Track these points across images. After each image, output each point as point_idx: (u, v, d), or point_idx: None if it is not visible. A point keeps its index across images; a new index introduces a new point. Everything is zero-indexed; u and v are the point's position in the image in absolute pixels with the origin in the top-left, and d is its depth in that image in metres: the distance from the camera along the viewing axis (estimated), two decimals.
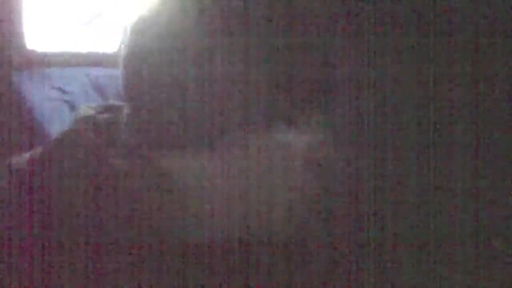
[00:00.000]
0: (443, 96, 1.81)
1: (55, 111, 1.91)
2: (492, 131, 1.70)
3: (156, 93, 0.83)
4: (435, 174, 1.78)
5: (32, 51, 1.99)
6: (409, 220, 1.74)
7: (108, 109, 0.89)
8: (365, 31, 1.37)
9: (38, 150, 0.87)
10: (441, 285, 1.56)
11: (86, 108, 0.90)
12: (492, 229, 1.66)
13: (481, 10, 1.60)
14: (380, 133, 1.76)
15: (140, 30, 0.85)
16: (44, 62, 1.99)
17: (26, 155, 0.87)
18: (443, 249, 1.65)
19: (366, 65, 1.64)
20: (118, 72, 0.90)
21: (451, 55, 1.82)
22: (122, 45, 0.87)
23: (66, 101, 1.95)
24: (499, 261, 1.58)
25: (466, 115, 1.76)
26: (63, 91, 1.96)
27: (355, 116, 0.89)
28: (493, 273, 1.59)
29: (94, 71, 2.00)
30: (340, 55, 0.87)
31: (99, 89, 1.98)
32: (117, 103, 0.90)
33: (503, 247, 0.99)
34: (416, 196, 1.78)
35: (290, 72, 0.83)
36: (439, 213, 1.71)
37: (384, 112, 1.78)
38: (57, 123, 1.88)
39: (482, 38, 1.69)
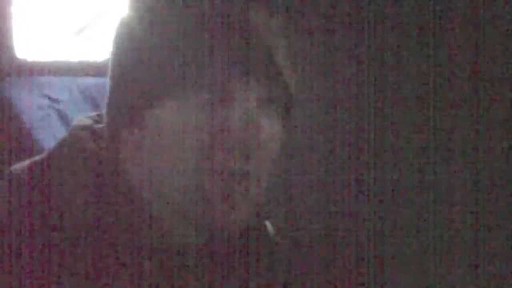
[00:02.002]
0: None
1: (44, 119, 1.91)
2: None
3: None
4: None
5: (22, 60, 1.99)
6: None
7: (103, 119, 0.90)
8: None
9: (37, 157, 0.88)
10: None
11: (83, 118, 0.91)
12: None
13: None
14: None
15: (122, 40, 0.87)
16: (34, 70, 1.99)
17: (26, 163, 0.87)
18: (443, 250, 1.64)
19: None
20: (107, 81, 0.91)
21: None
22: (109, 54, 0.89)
23: (55, 110, 1.95)
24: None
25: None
26: (53, 100, 1.96)
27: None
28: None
29: (84, 80, 2.00)
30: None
31: (89, 98, 1.98)
32: None
33: None
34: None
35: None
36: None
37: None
38: (46, 131, 1.88)
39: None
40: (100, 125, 0.89)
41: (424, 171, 1.83)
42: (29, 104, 1.93)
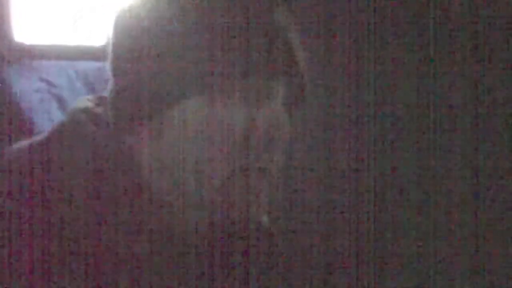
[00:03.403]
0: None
1: (42, 104, 1.91)
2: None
3: (136, 66, 0.85)
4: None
5: (20, 44, 1.99)
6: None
7: (103, 101, 0.91)
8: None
9: (33, 139, 0.88)
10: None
11: (84, 100, 0.92)
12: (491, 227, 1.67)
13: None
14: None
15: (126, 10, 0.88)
16: (32, 54, 1.99)
17: (21, 144, 0.88)
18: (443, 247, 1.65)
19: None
20: (105, 66, 0.91)
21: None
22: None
23: (53, 94, 1.95)
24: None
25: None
26: (51, 84, 1.96)
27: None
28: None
29: (82, 65, 2.00)
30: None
31: (87, 83, 1.98)
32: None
33: None
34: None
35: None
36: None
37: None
38: (43, 115, 1.88)
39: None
40: (101, 108, 0.90)
41: (424, 170, 1.83)
42: (27, 88, 1.93)
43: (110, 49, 0.89)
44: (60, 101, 1.94)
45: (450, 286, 1.82)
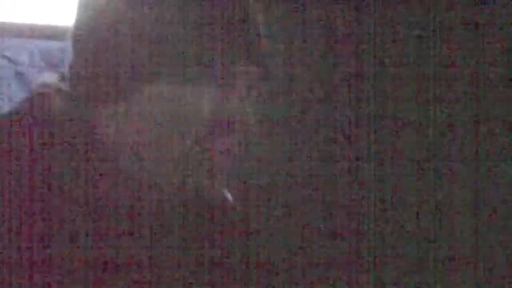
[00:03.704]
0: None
1: (2, 80, 1.90)
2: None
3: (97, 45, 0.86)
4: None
5: None
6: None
7: (64, 78, 0.92)
8: None
9: (1, 113, 0.89)
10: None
11: (49, 75, 0.92)
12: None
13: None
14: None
15: None
16: None
17: None
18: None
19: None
20: (69, 45, 0.92)
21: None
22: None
23: (15, 71, 1.94)
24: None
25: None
26: (13, 61, 1.95)
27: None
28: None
29: (46, 43, 1.99)
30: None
31: (50, 61, 1.98)
32: None
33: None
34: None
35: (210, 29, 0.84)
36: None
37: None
38: (4, 91, 1.87)
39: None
40: (63, 83, 0.90)
41: (424, 170, 1.84)
42: None
43: (73, 24, 0.90)
44: (22, 78, 1.93)
45: (450, 286, 1.83)
